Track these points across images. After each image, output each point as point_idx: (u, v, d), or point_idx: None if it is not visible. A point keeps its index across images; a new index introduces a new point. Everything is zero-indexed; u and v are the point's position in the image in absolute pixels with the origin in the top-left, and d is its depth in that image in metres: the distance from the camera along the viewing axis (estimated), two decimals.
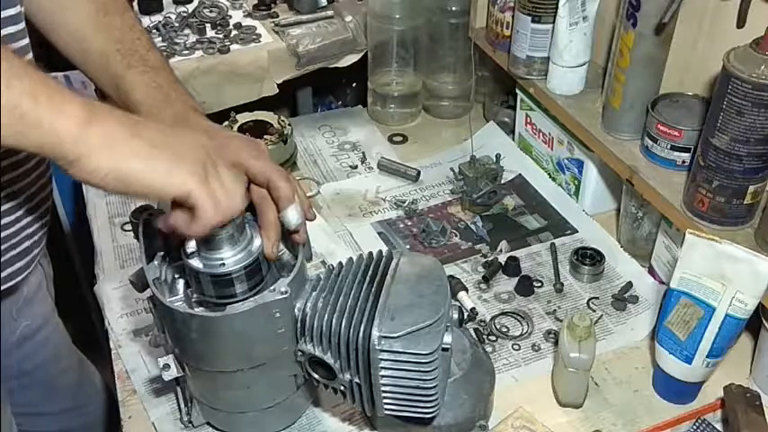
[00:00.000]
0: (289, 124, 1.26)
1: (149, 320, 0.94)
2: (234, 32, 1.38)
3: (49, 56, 0.93)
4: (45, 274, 1.08)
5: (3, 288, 0.89)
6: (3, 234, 0.85)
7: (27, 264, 0.91)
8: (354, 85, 1.62)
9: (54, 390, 1.13)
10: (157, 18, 1.42)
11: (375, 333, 0.69)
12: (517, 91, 1.26)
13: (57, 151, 0.58)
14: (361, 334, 0.70)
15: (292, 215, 0.75)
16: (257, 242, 0.73)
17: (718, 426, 0.85)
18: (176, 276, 0.77)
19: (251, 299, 0.71)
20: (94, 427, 1.24)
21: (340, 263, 0.78)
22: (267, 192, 0.74)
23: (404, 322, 0.70)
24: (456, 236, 1.15)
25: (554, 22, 1.07)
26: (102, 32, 0.85)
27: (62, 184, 1.60)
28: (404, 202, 1.21)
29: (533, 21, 1.10)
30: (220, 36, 1.36)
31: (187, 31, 1.38)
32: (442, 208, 1.21)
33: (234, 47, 1.34)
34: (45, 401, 1.13)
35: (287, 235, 0.77)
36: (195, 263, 0.71)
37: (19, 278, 0.90)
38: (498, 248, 1.12)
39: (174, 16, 1.43)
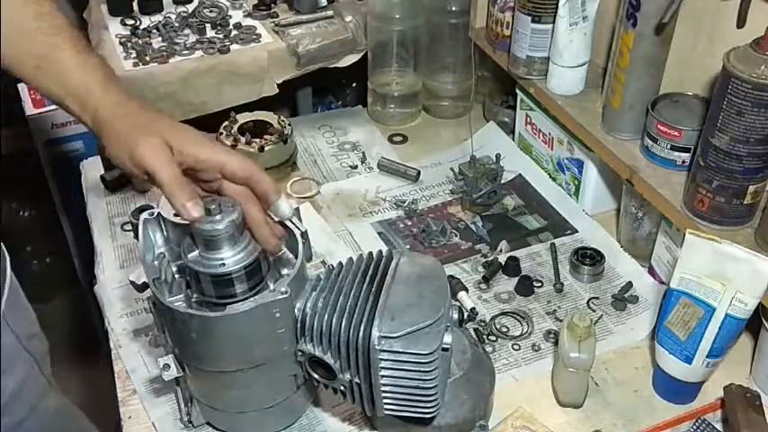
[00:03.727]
0: (289, 124, 1.26)
1: (149, 320, 0.94)
2: (234, 32, 1.38)
3: None
4: (35, 358, 1.03)
5: None
6: None
7: None
8: (354, 85, 1.62)
9: None
10: (157, 18, 1.42)
11: (375, 333, 0.69)
12: (517, 91, 1.26)
13: None
14: (361, 334, 0.70)
15: (285, 206, 0.74)
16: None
17: (719, 426, 0.85)
18: (176, 276, 0.77)
19: (251, 299, 0.71)
20: None
21: (340, 263, 0.78)
22: (246, 188, 0.73)
23: (404, 322, 0.70)
24: (456, 236, 1.15)
25: (554, 22, 1.07)
26: (22, 13, 0.77)
27: (62, 185, 1.60)
28: (404, 202, 1.21)
29: (533, 21, 1.10)
30: (220, 36, 1.36)
31: (187, 31, 1.38)
32: (441, 208, 1.21)
33: (234, 47, 1.33)
34: None
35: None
36: (195, 264, 0.71)
37: None
38: (498, 248, 1.12)
39: (173, 16, 1.43)
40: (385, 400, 0.73)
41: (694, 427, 0.85)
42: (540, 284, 1.06)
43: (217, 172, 0.72)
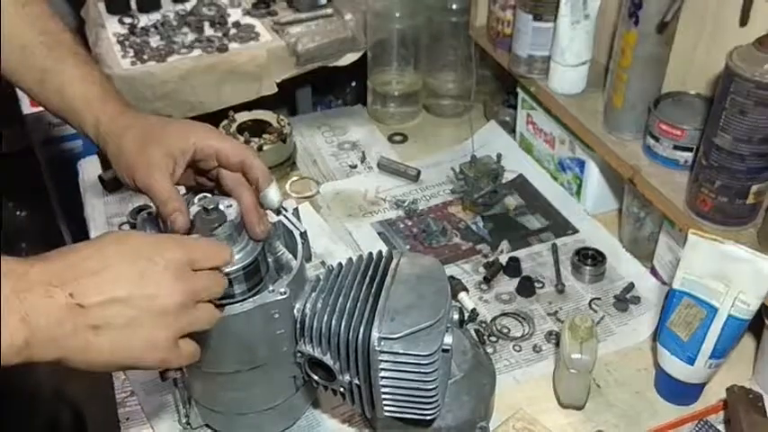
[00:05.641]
0: (288, 123, 1.25)
1: None
2: (232, 31, 1.37)
3: None
4: None
5: None
6: None
7: None
8: (354, 83, 1.61)
9: None
10: (155, 16, 1.42)
11: (375, 334, 0.68)
12: (518, 90, 1.26)
13: None
14: (360, 335, 0.69)
15: (274, 194, 0.74)
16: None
17: (721, 427, 0.85)
18: None
19: (250, 299, 0.71)
20: None
21: (339, 263, 0.77)
22: (240, 174, 0.73)
23: (404, 323, 0.69)
24: (456, 236, 1.15)
25: (555, 21, 1.06)
26: (22, 23, 0.79)
27: (60, 184, 1.59)
28: (404, 202, 1.21)
29: (534, 19, 1.09)
30: (219, 34, 1.36)
31: (185, 29, 1.38)
32: (442, 208, 1.21)
33: (232, 45, 1.33)
34: None
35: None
36: None
37: None
38: (499, 249, 1.11)
39: (172, 14, 1.42)
40: (385, 402, 0.72)
41: (696, 429, 0.85)
42: (541, 285, 1.05)
43: (213, 159, 0.73)
